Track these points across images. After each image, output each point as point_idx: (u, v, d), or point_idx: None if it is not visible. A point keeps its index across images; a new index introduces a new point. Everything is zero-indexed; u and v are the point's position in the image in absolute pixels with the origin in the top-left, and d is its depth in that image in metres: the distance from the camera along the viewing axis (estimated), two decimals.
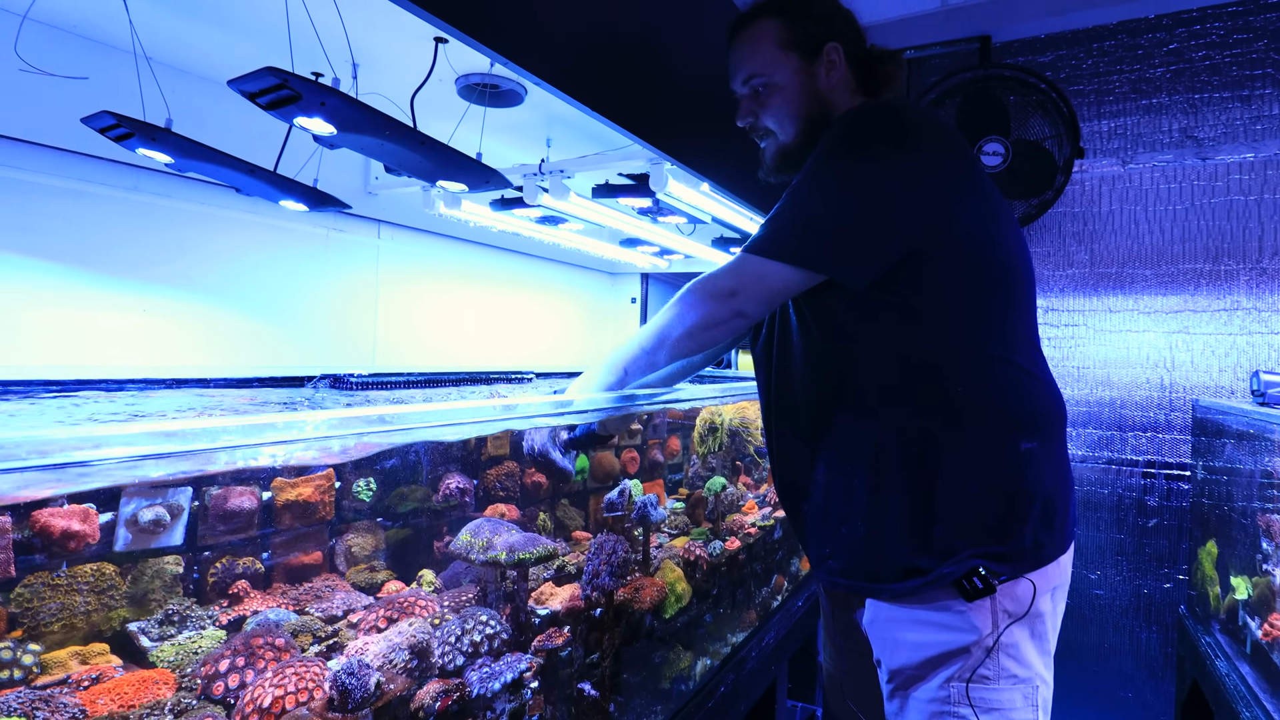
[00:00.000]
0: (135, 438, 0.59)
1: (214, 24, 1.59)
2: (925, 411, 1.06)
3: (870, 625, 1.15)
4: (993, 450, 1.05)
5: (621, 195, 1.97)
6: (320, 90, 1.09)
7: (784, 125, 1.22)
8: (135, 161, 1.82)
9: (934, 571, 1.03)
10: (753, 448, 2.27)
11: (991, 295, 1.08)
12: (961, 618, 1.03)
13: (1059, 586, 1.10)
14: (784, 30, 1.20)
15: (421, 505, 1.53)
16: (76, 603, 1.19)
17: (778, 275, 1.06)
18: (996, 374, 1.06)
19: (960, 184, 1.06)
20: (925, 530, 1.04)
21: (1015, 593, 1.03)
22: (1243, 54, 2.80)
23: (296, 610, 1.34)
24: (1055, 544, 1.07)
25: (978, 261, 1.07)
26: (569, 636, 1.36)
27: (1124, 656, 3.07)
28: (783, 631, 2.16)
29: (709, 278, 1.12)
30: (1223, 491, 2.57)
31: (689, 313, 1.11)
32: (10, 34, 1.45)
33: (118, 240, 1.85)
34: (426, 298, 2.81)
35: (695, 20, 1.91)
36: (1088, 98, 3.07)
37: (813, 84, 1.20)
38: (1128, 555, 3.05)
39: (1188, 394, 2.93)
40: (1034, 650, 1.05)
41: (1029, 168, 2.85)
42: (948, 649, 1.04)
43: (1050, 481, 1.07)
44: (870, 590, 1.11)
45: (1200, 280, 2.91)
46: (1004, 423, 1.05)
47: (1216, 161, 2.87)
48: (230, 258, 2.10)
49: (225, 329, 2.10)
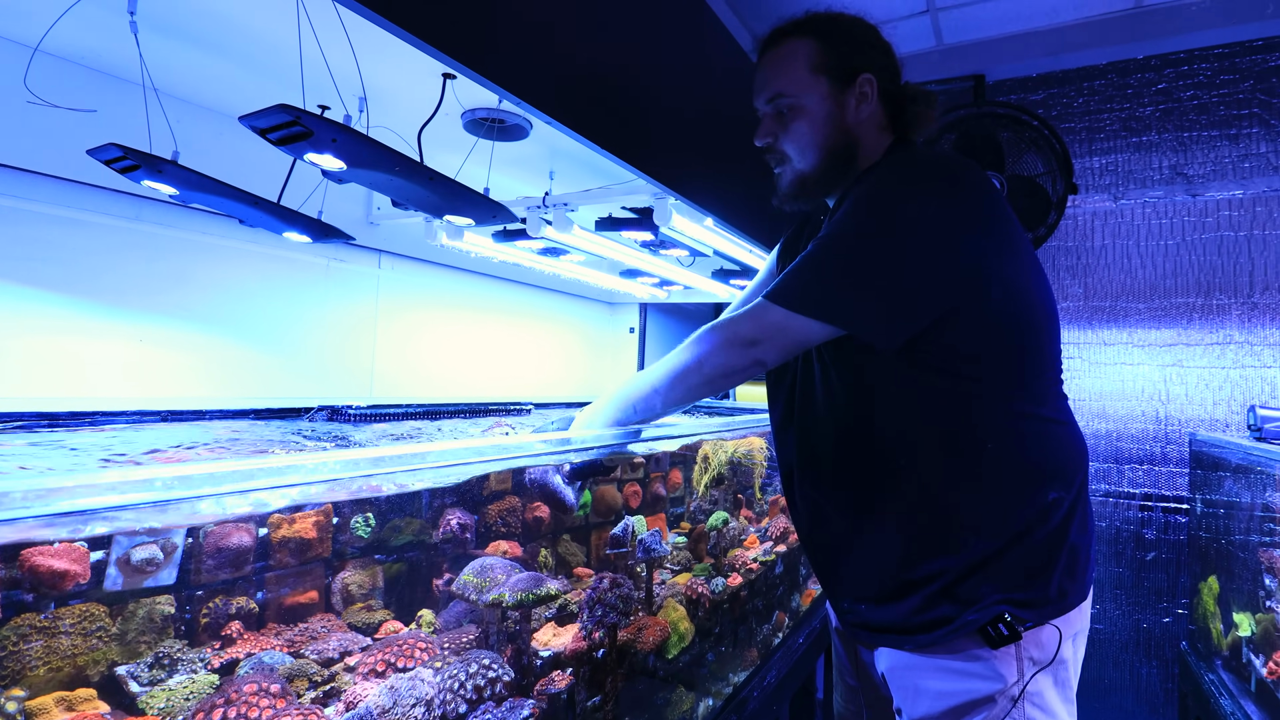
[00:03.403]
0: (107, 486, 0.58)
1: (222, 57, 1.59)
2: (952, 468, 1.03)
3: (890, 672, 1.12)
4: (1020, 502, 1.02)
5: (625, 229, 1.98)
6: (332, 127, 1.09)
7: (805, 152, 1.15)
8: (137, 191, 1.81)
9: (959, 619, 1.01)
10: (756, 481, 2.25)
11: (1022, 352, 1.05)
12: (986, 665, 1.00)
13: (1080, 632, 1.08)
14: (819, 53, 1.14)
15: (421, 542, 1.50)
16: (64, 645, 1.15)
17: (801, 328, 1.02)
18: (1024, 429, 1.04)
19: (999, 241, 1.02)
20: (952, 582, 1.02)
21: (1040, 640, 1.01)
22: (1230, 94, 2.87)
23: (291, 653, 1.30)
24: (1078, 591, 1.05)
25: (1011, 319, 1.03)
26: (572, 680, 1.32)
27: (1124, 692, 3.03)
28: (784, 670, 2.12)
29: (729, 323, 1.08)
30: (1221, 525, 2.57)
31: (708, 358, 1.08)
32: (20, 66, 1.44)
33: (115, 269, 1.84)
34: (425, 328, 2.79)
35: (700, 57, 1.94)
36: (1079, 135, 3.13)
37: (841, 113, 1.14)
38: (1126, 589, 3.04)
39: (1183, 427, 2.95)
40: (1058, 699, 1.02)
41: (1024, 203, 2.89)
42: (972, 698, 1.01)
43: (1076, 529, 1.05)
44: (894, 641, 1.09)
45: (1193, 314, 2.94)
46: (1032, 475, 1.03)
47: (1206, 198, 2.92)
48: (229, 287, 2.09)
49: (222, 359, 2.07)
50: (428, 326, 2.81)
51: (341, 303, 2.42)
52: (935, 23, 2.83)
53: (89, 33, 1.47)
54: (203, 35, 1.50)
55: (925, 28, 2.86)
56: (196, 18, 1.44)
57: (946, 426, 1.04)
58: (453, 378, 2.91)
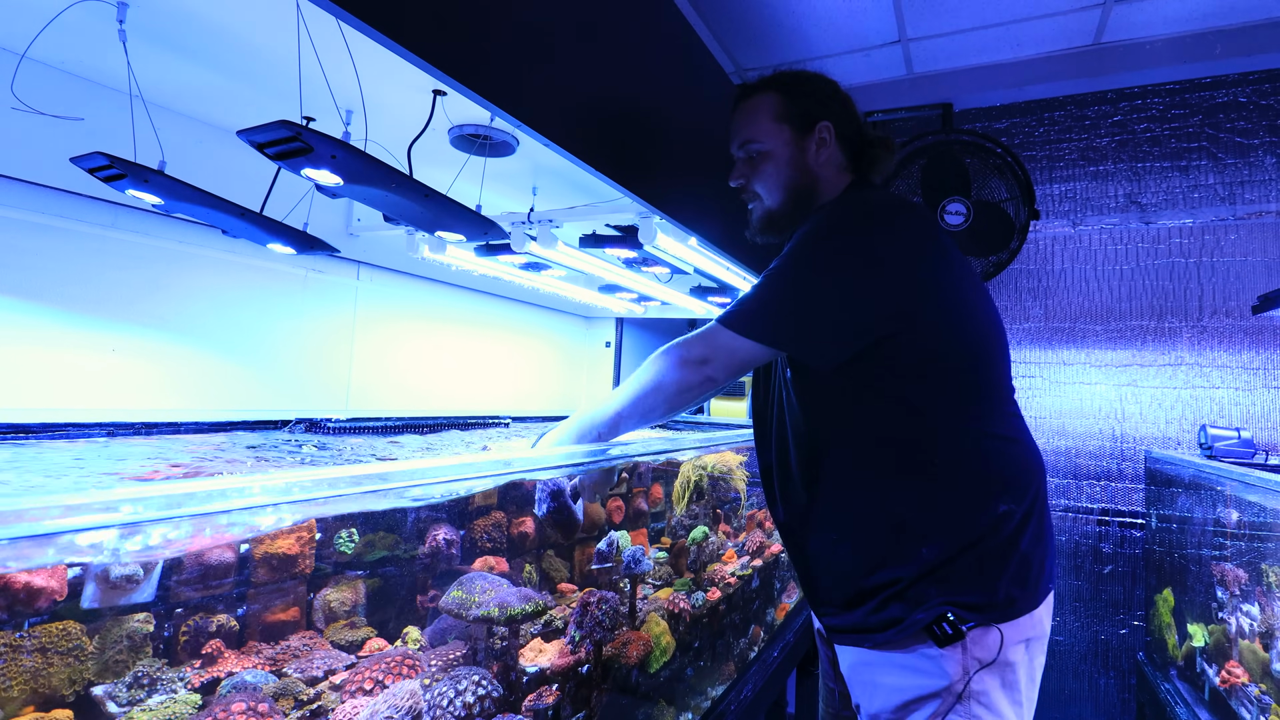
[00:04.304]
0: (86, 506, 0.56)
1: (207, 66, 1.58)
2: (904, 484, 1.12)
3: (850, 669, 1.20)
4: (970, 515, 1.10)
5: (609, 246, 2.00)
6: (332, 144, 1.09)
7: (771, 192, 1.29)
8: (113, 198, 1.77)
9: (908, 619, 1.08)
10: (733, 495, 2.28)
11: (967, 374, 1.14)
12: (933, 663, 1.08)
13: (1034, 639, 1.13)
14: (781, 104, 1.28)
15: (407, 558, 1.49)
16: (39, 665, 1.12)
17: (745, 349, 1.14)
18: (974, 447, 1.13)
19: (933, 273, 1.12)
20: (904, 587, 1.10)
21: (985, 641, 1.08)
22: (1180, 128, 3.02)
23: (274, 671, 1.28)
24: (1029, 599, 1.11)
25: (951, 344, 1.13)
26: (559, 695, 1.33)
27: (1084, 702, 3.12)
28: (760, 683, 2.14)
29: (684, 344, 1.18)
30: (1175, 540, 2.68)
31: (665, 376, 1.18)
32: (8, 72, 1.42)
33: (89, 277, 1.80)
34: (402, 340, 2.77)
35: (687, 80, 1.98)
36: (1040, 163, 3.26)
37: (802, 157, 1.28)
38: (1085, 601, 3.14)
39: (1138, 444, 3.07)
40: (1005, 700, 1.09)
41: (988, 227, 2.99)
42: (921, 693, 1.09)
43: (1027, 540, 1.12)
44: (855, 640, 1.17)
45: (1146, 336, 3.07)
46: (981, 490, 1.11)
47: (1159, 225, 3.06)
48: (206, 297, 2.05)
49: (196, 370, 2.03)
50: (405, 339, 2.79)
51: (319, 314, 2.40)
52: (906, 52, 2.93)
53: (76, 40, 1.45)
54: (189, 45, 1.49)
55: (897, 57, 2.96)
56: (184, 27, 1.43)
57: (899, 445, 1.13)
58: (429, 390, 2.89)
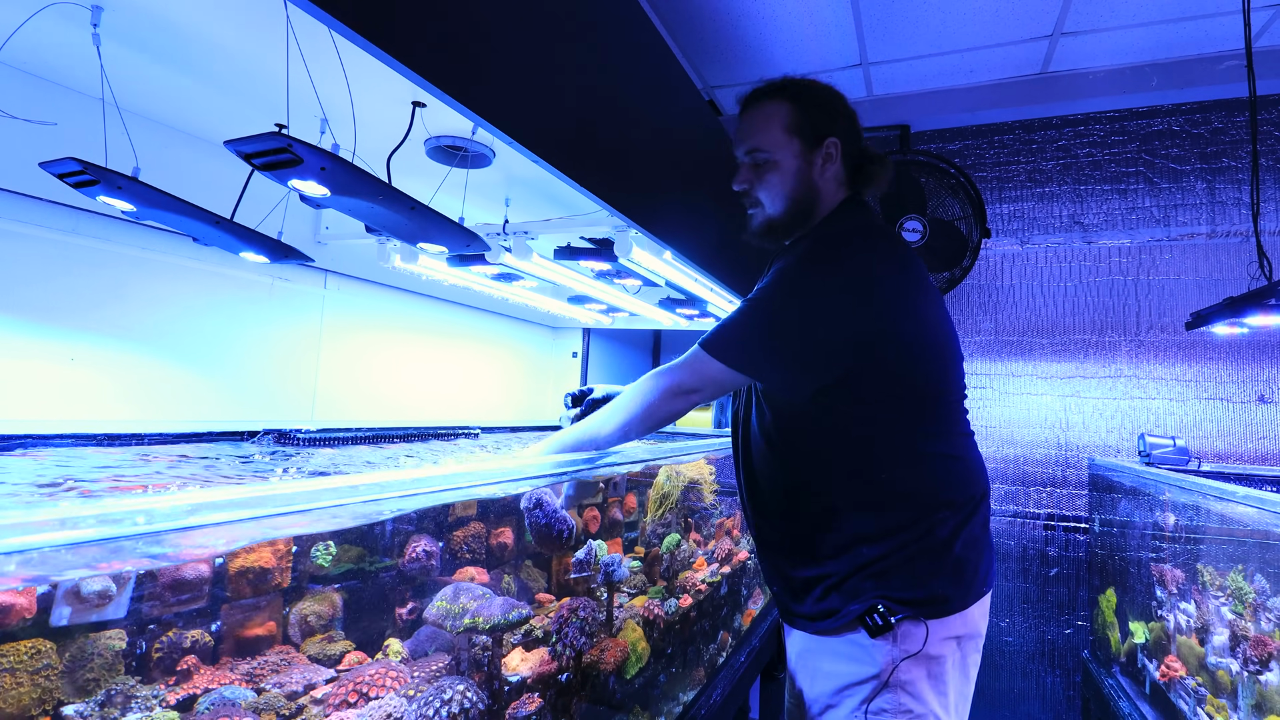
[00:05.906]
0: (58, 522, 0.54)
1: (181, 72, 1.56)
2: (853, 493, 1.21)
3: (797, 657, 1.29)
4: (908, 521, 1.18)
5: (583, 258, 2.02)
6: (321, 155, 1.10)
7: (774, 201, 1.31)
8: (75, 203, 1.73)
9: (844, 609, 1.17)
10: (703, 504, 2.32)
11: (924, 399, 1.22)
12: (865, 651, 1.16)
13: (965, 637, 1.21)
14: (793, 116, 1.29)
15: (386, 570, 1.48)
16: (7, 685, 1.08)
17: (724, 373, 1.20)
18: (922, 466, 1.21)
19: (900, 308, 1.18)
20: (842, 580, 1.19)
21: (912, 633, 1.15)
22: (1119, 153, 3.21)
23: (253, 687, 1.26)
24: (961, 598, 1.19)
25: (909, 374, 1.20)
26: (541, 703, 1.34)
27: (1032, 700, 3.25)
28: (728, 689, 2.18)
29: (672, 370, 1.24)
30: (1117, 543, 2.83)
31: (657, 407, 1.25)
32: None
33: (46, 283, 1.74)
34: (369, 350, 2.74)
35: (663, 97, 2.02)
36: (991, 183, 3.42)
37: (808, 170, 1.29)
38: (1032, 603, 3.27)
39: (1081, 452, 3.23)
40: (930, 690, 1.16)
41: (943, 244, 3.12)
42: (854, 680, 1.17)
43: (962, 545, 1.20)
44: (802, 625, 1.26)
45: (1089, 349, 3.24)
46: (921, 500, 1.19)
47: (1100, 245, 3.24)
48: (168, 305, 2.00)
49: (158, 379, 1.98)
50: (372, 349, 2.76)
51: (285, 323, 2.36)
52: (867, 75, 3.04)
53: (48, 43, 1.41)
54: (163, 49, 1.47)
55: (858, 79, 3.07)
56: (159, 32, 1.41)
57: (851, 458, 1.21)
58: (396, 400, 2.86)
